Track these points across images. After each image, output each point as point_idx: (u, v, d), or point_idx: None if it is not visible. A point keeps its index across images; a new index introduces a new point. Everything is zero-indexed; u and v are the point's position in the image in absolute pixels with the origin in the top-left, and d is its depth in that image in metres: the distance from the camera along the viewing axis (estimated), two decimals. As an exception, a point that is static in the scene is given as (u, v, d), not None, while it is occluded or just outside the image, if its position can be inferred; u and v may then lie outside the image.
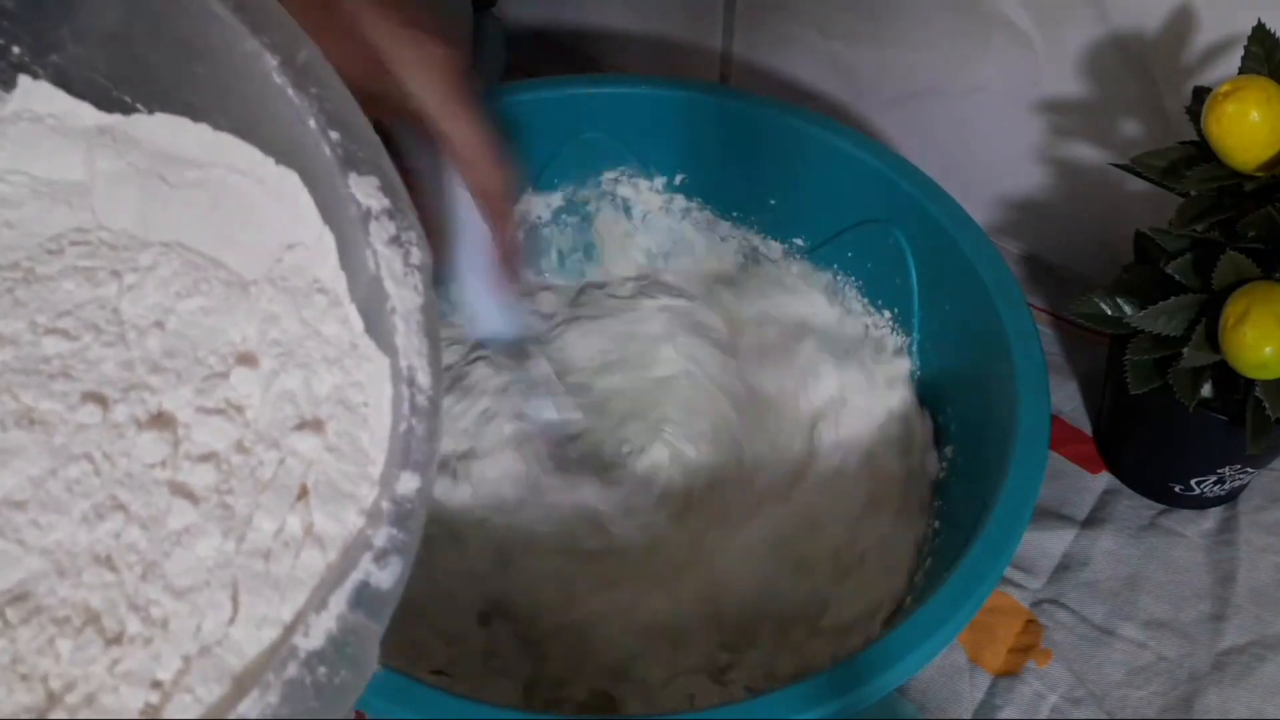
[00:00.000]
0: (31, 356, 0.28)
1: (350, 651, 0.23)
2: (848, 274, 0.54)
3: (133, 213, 0.31)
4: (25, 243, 0.30)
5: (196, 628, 0.25)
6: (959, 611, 0.34)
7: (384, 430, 0.26)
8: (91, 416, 0.27)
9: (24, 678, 0.24)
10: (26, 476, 0.27)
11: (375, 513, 0.25)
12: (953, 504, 0.44)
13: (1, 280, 0.29)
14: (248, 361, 0.29)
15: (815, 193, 0.53)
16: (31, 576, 0.25)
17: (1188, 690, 0.45)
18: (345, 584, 0.23)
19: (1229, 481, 0.49)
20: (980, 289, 0.44)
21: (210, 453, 0.27)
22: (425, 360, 0.26)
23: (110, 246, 0.30)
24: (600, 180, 0.57)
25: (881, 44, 0.60)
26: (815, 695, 0.32)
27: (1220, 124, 0.41)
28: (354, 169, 0.26)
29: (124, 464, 0.27)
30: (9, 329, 0.29)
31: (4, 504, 0.26)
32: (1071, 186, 0.58)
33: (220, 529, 0.26)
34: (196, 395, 0.28)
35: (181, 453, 0.27)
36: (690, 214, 0.58)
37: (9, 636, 0.25)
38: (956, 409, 0.47)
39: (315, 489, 0.26)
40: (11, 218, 0.30)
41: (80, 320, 0.29)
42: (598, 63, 0.73)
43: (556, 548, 0.45)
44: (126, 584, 0.25)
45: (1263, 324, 0.39)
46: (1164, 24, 0.50)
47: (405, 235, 0.26)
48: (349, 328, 0.28)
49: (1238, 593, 0.48)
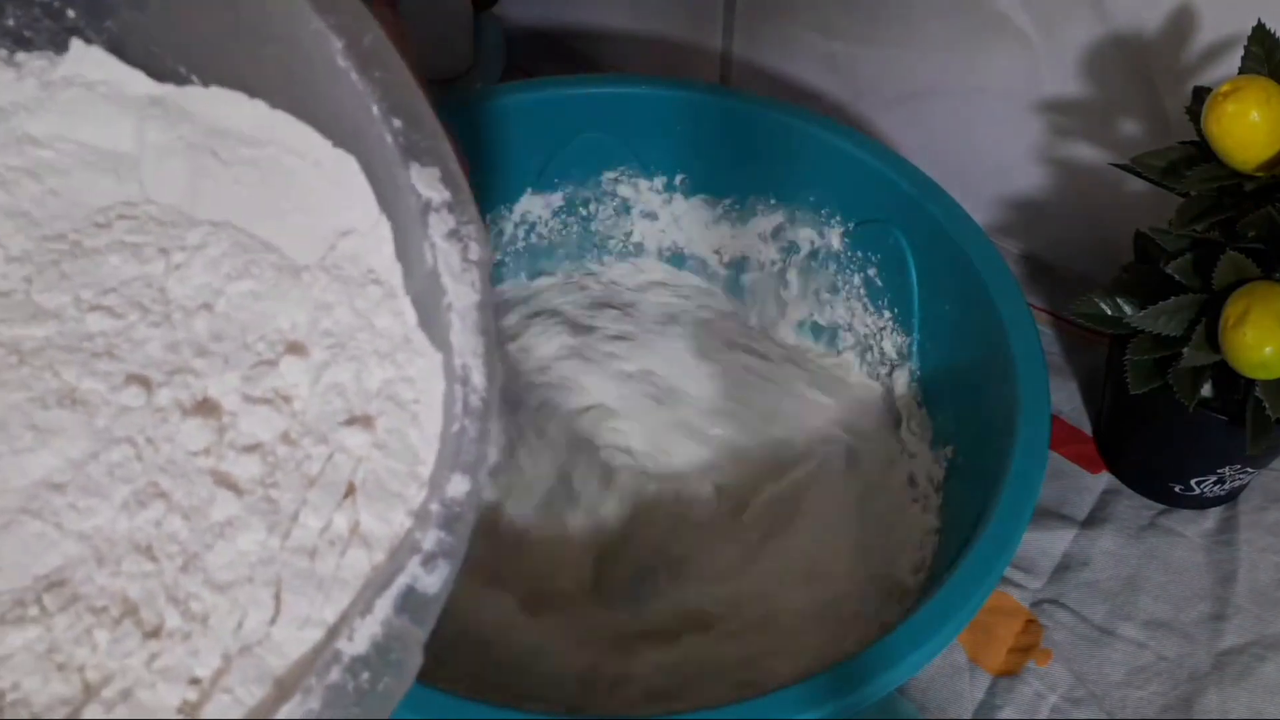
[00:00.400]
0: (75, 333, 0.27)
1: (394, 657, 0.22)
2: (848, 273, 0.54)
3: (182, 188, 0.29)
4: (72, 213, 0.29)
5: (237, 625, 0.24)
6: (959, 612, 0.34)
7: (435, 429, 0.25)
8: (135, 399, 0.27)
9: (60, 668, 0.23)
10: (67, 458, 0.26)
11: (424, 515, 0.24)
12: (952, 504, 0.44)
13: (47, 251, 0.28)
14: (297, 350, 0.28)
15: (815, 193, 0.53)
16: (69, 563, 0.25)
17: (1188, 690, 0.45)
18: (391, 588, 0.23)
19: (1229, 481, 0.49)
20: (980, 289, 0.44)
21: (256, 443, 0.26)
22: (480, 360, 0.25)
23: (158, 222, 0.29)
24: (600, 180, 0.57)
25: (881, 44, 0.60)
26: (815, 695, 0.32)
27: (1220, 124, 0.41)
28: (416, 159, 0.25)
29: (167, 450, 0.26)
30: (53, 303, 0.28)
31: (43, 485, 0.25)
32: (1071, 186, 0.58)
33: (265, 523, 0.25)
34: (244, 383, 0.27)
35: (226, 441, 0.26)
36: (690, 214, 0.58)
37: (45, 624, 0.24)
38: (956, 409, 0.47)
39: (363, 487, 0.25)
40: (58, 186, 0.29)
41: (126, 298, 0.28)
42: (598, 63, 0.73)
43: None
44: (166, 575, 0.25)
45: (1263, 324, 0.39)
46: (1164, 24, 0.50)
47: (465, 229, 0.25)
48: (403, 321, 0.27)
49: (1238, 593, 0.48)
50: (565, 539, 0.46)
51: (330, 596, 0.24)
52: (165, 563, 0.25)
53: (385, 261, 0.27)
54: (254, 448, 0.26)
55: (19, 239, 0.28)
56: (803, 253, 0.55)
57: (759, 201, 0.56)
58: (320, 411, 0.27)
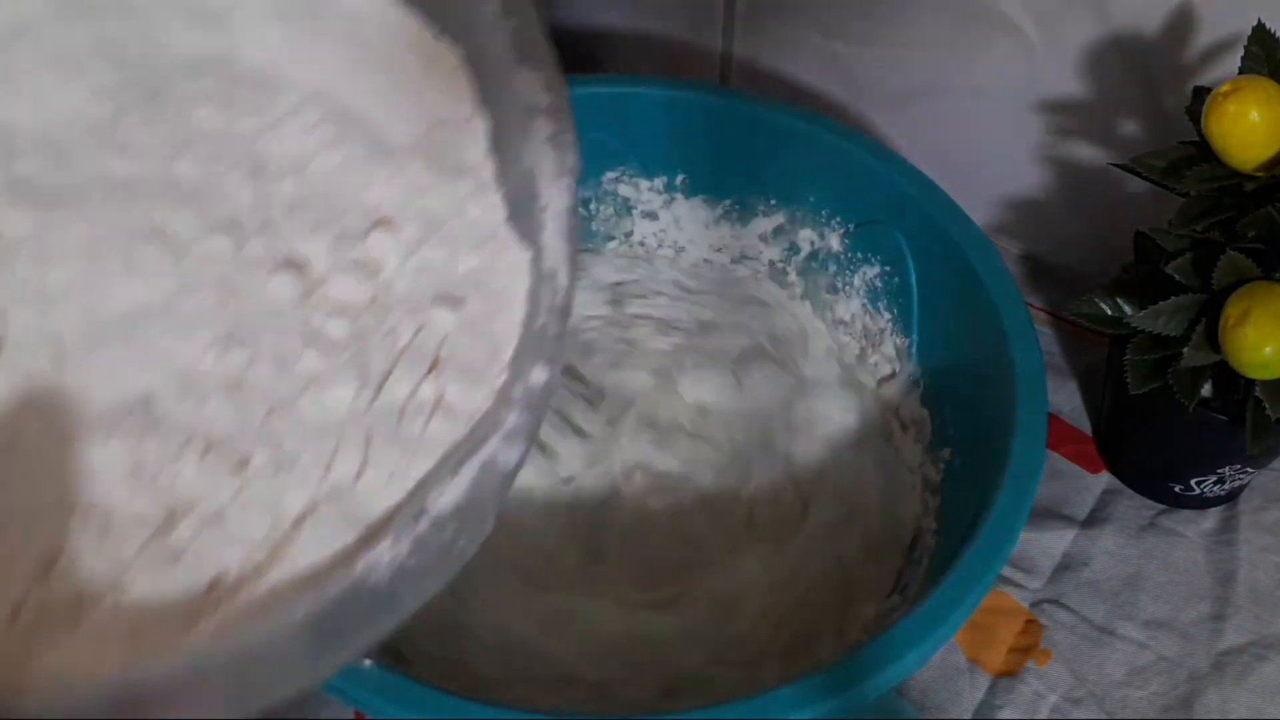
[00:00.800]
0: (161, 177, 0.27)
1: (472, 521, 0.24)
2: (847, 274, 0.54)
3: (278, 49, 0.29)
4: (158, 61, 0.29)
5: (325, 470, 0.25)
6: (956, 611, 0.34)
7: (517, 319, 0.27)
8: (223, 246, 0.27)
9: (149, 486, 0.24)
10: (156, 291, 0.26)
11: (505, 396, 0.25)
12: (950, 504, 0.44)
13: (136, 89, 0.28)
14: (387, 226, 0.28)
15: (815, 193, 0.53)
16: (156, 391, 0.25)
17: (1188, 690, 0.45)
18: (476, 456, 0.24)
19: (1229, 481, 0.49)
20: (979, 289, 0.44)
21: (345, 306, 0.27)
22: (567, 262, 0.26)
23: (251, 81, 0.29)
24: (600, 180, 0.57)
25: (881, 44, 0.60)
26: (812, 694, 0.32)
27: (1220, 124, 0.41)
28: (525, 62, 0.26)
29: (255, 301, 0.26)
30: (140, 141, 0.27)
31: (128, 315, 0.25)
32: (1071, 186, 0.58)
33: (354, 382, 0.26)
34: (332, 247, 0.27)
35: (314, 301, 0.27)
36: (690, 214, 0.58)
37: (134, 443, 0.24)
38: (955, 410, 0.47)
39: (449, 362, 0.26)
40: (145, 30, 0.28)
41: (214, 152, 0.28)
42: (598, 63, 0.73)
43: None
44: (254, 416, 0.25)
45: (1263, 324, 0.39)
46: (1164, 24, 0.50)
47: (563, 136, 0.26)
48: (494, 214, 0.28)
49: (1238, 593, 0.48)
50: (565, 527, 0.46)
51: (415, 458, 0.25)
52: (254, 405, 0.25)
53: (478, 156, 0.28)
54: (344, 310, 0.27)
55: (106, 72, 0.28)
56: (803, 254, 0.55)
57: (759, 202, 0.56)
58: (410, 286, 0.27)
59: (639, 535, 0.46)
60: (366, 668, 0.33)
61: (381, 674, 0.33)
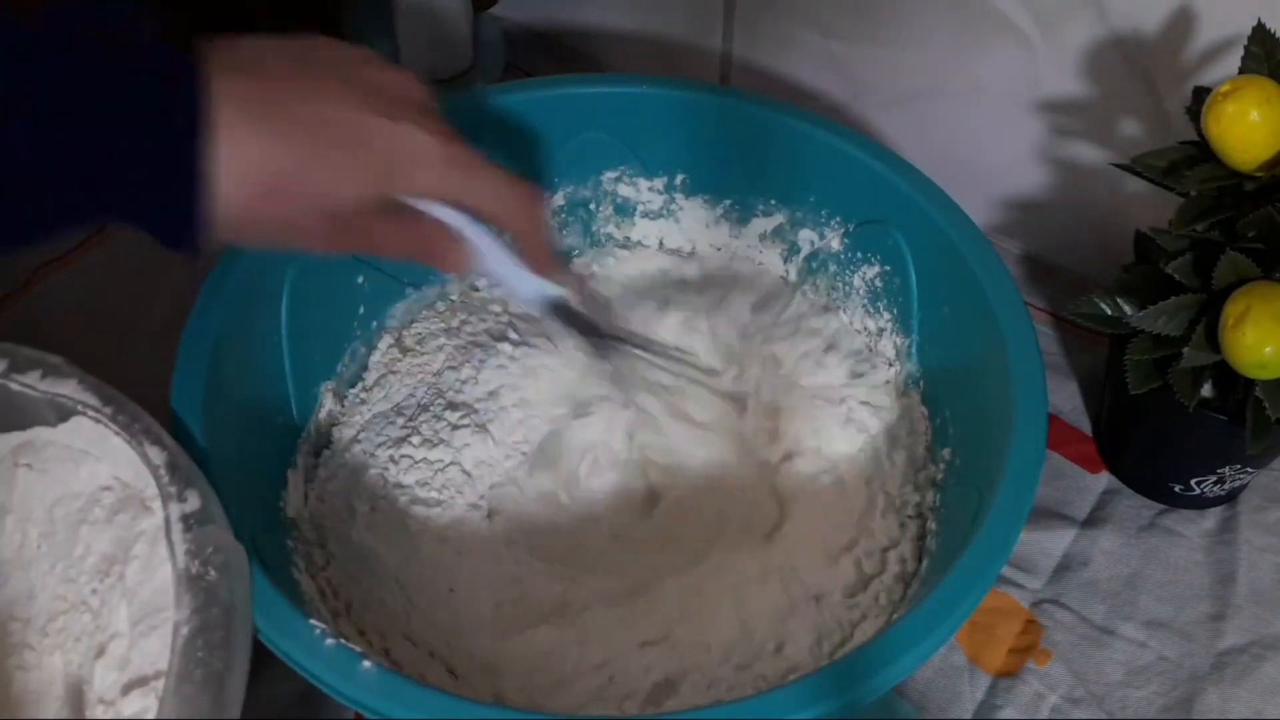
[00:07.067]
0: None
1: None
2: (847, 274, 0.54)
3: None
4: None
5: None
6: (955, 611, 0.34)
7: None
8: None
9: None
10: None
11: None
12: (950, 504, 0.44)
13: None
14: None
15: (815, 193, 0.53)
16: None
17: (1188, 690, 0.45)
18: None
19: (1229, 481, 0.49)
20: (978, 290, 0.44)
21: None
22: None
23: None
24: (600, 180, 0.57)
25: (881, 44, 0.60)
26: (812, 694, 0.32)
27: (1220, 124, 0.41)
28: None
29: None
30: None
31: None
32: (1071, 186, 0.58)
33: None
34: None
35: None
36: (691, 214, 0.58)
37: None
38: (955, 410, 0.47)
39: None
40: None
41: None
42: (598, 63, 0.73)
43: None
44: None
45: (1263, 324, 0.39)
46: (1164, 24, 0.50)
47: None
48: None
49: (1238, 593, 0.48)
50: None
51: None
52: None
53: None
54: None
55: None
56: (803, 254, 0.55)
57: (759, 202, 0.56)
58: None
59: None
60: (366, 668, 0.33)
61: (381, 674, 0.33)
